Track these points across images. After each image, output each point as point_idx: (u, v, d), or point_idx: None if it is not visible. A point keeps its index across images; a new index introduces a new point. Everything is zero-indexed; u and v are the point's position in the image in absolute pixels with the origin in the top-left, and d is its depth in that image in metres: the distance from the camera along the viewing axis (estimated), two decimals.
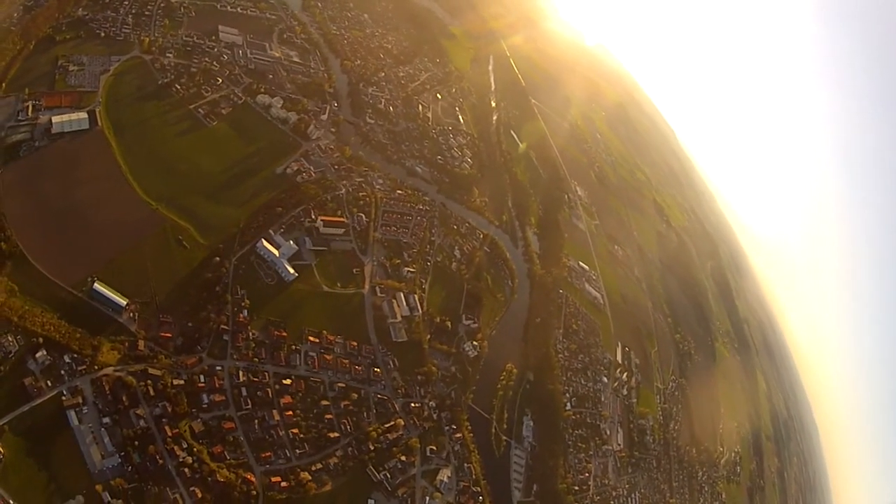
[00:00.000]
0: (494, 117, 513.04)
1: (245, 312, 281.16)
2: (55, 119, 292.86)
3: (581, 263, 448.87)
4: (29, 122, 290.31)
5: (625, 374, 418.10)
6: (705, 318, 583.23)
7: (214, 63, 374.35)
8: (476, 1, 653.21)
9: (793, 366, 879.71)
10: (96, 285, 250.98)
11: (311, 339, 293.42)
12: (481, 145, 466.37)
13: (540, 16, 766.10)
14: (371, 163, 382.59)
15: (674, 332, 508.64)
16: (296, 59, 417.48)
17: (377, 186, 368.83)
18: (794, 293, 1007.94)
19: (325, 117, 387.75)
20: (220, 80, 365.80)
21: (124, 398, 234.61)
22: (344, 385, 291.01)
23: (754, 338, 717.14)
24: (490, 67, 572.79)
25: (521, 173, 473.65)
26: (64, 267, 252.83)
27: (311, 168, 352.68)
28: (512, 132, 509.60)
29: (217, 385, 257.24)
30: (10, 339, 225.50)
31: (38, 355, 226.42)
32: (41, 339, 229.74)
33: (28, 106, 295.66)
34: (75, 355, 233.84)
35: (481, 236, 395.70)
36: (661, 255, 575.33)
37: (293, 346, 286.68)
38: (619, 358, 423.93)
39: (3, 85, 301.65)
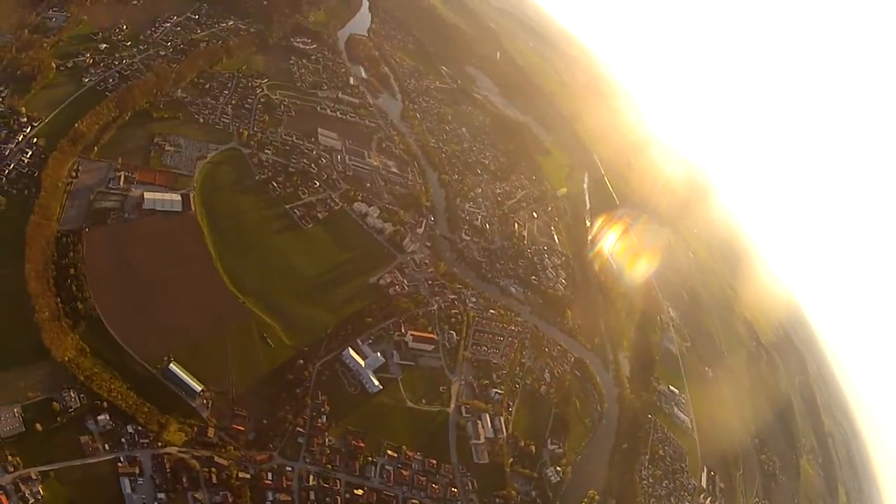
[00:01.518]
0: (589, 237, 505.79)
1: (324, 418, 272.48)
2: (148, 195, 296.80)
3: (671, 387, 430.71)
4: (120, 192, 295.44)
5: (708, 500, 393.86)
6: (791, 436, 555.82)
7: (313, 165, 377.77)
8: (570, 115, 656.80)
9: (876, 477, 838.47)
10: (172, 366, 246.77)
11: (389, 452, 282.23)
12: (576, 266, 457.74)
13: (634, 132, 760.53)
14: (465, 280, 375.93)
15: (759, 452, 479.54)
16: (394, 170, 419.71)
17: (470, 305, 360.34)
18: (880, 399, 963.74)
19: (421, 231, 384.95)
20: (318, 184, 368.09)
21: (184, 479, 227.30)
22: (418, 502, 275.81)
23: (838, 452, 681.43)
24: (585, 185, 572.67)
25: (614, 295, 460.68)
26: (140, 340, 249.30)
27: (405, 281, 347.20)
28: (607, 252, 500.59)
29: (285, 485, 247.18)
30: (72, 394, 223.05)
31: (99, 418, 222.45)
32: (105, 404, 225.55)
33: (120, 176, 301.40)
34: (139, 427, 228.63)
35: (572, 359, 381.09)
36: (750, 374, 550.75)
37: (370, 458, 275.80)
38: (703, 483, 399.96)
39: (96, 149, 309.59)
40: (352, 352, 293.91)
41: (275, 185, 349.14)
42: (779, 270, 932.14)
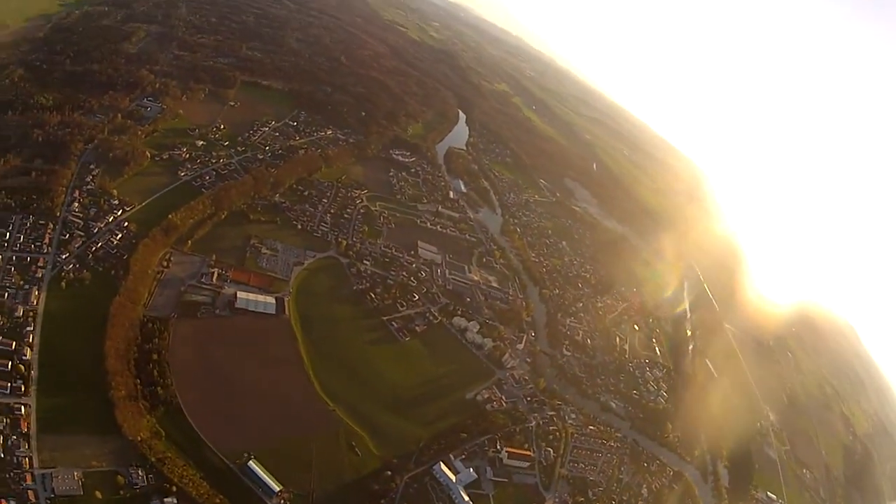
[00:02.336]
0: (690, 346, 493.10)
1: None
2: (241, 295, 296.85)
3: (769, 493, 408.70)
4: (212, 288, 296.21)
5: None
6: None
7: (412, 279, 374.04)
8: (668, 224, 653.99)
9: None
10: (251, 463, 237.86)
11: None
12: (677, 377, 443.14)
13: (731, 238, 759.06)
14: (565, 396, 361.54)
15: None
16: (494, 285, 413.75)
17: (569, 421, 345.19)
18: None
19: (521, 346, 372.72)
20: (417, 297, 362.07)
21: None
22: None
23: None
24: (685, 294, 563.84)
25: (715, 404, 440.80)
26: (220, 433, 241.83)
27: (503, 397, 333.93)
28: (707, 361, 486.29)
29: None
30: (140, 472, 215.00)
31: (166, 500, 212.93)
32: (175, 488, 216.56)
33: (214, 273, 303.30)
34: None
35: (671, 473, 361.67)
36: (845, 469, 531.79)
37: None
38: None
39: (190, 243, 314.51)
40: (443, 466, 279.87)
41: (372, 296, 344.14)
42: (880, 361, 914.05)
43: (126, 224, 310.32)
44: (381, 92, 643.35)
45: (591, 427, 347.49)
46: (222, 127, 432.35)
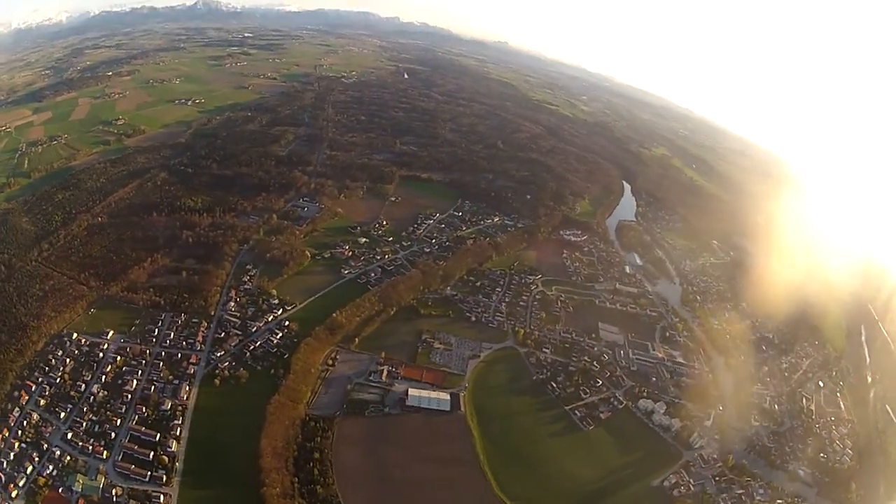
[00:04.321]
0: (871, 393, 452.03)
1: None
2: (413, 391, 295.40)
3: None
4: (381, 386, 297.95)
5: None
6: None
7: (594, 363, 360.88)
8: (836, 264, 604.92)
9: None
10: None
11: None
12: (860, 430, 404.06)
13: None
14: (753, 471, 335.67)
15: None
16: (679, 360, 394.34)
17: (758, 498, 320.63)
18: None
19: (709, 423, 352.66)
20: (601, 382, 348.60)
21: None
22: None
23: None
24: (863, 339, 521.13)
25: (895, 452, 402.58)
26: None
27: (690, 481, 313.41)
28: (887, 407, 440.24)
29: None
30: None
31: None
32: None
33: (383, 370, 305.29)
34: None
35: None
36: None
37: None
38: None
39: (357, 340, 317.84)
40: None
41: (554, 385, 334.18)
42: None
43: (287, 323, 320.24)
44: (544, 173, 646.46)
45: (780, 500, 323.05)
46: (384, 223, 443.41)
